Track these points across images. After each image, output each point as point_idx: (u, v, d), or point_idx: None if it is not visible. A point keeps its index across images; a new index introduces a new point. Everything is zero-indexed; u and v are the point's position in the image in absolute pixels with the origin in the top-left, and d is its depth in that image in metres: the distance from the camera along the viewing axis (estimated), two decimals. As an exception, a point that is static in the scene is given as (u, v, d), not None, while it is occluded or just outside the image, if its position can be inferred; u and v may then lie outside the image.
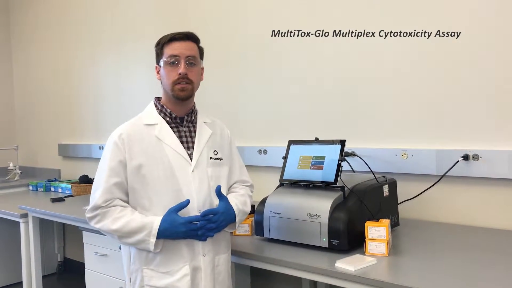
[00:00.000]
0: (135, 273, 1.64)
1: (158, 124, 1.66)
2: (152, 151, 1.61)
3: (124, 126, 1.67)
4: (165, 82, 1.65)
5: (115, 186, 1.60)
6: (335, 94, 2.46)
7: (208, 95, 2.88)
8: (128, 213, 1.59)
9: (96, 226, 1.61)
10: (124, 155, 1.60)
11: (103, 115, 3.89)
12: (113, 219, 1.57)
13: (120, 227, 1.56)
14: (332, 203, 1.75)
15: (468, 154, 2.04)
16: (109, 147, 1.64)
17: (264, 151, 2.74)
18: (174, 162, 1.62)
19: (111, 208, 1.59)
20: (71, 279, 4.07)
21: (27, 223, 2.98)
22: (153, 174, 1.60)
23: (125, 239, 1.58)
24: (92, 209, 1.61)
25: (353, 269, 1.51)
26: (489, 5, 1.99)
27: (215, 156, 1.72)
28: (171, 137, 1.65)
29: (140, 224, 1.55)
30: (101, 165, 1.65)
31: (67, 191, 3.57)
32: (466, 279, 1.42)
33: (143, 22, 3.47)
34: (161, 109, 1.69)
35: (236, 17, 2.88)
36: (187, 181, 1.62)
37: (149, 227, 1.55)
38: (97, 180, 1.64)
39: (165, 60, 1.63)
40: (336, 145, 1.89)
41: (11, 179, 4.27)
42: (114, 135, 1.64)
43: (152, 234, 1.54)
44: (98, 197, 1.59)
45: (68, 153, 4.21)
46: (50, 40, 4.38)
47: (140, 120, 1.69)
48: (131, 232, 1.55)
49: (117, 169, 1.60)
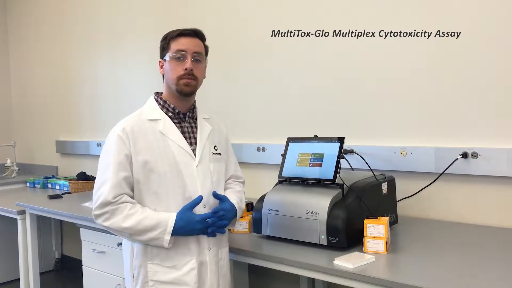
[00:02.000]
0: (138, 269, 1.61)
1: (161, 120, 1.65)
2: (157, 147, 1.60)
3: (126, 120, 1.64)
4: (170, 77, 1.64)
5: (124, 180, 1.56)
6: (334, 92, 2.46)
7: (207, 92, 2.87)
8: (139, 210, 1.55)
9: (104, 224, 1.55)
10: (129, 149, 1.57)
11: (101, 112, 3.88)
12: (124, 217, 1.53)
13: (133, 225, 1.52)
14: (331, 201, 1.74)
15: (467, 152, 2.04)
16: (112, 141, 1.59)
17: (263, 148, 2.74)
18: (179, 157, 1.61)
19: (120, 205, 1.54)
20: (68, 276, 4.06)
21: (25, 220, 2.97)
22: (159, 169, 1.58)
23: (137, 236, 1.55)
24: (101, 205, 1.54)
25: (351, 267, 1.50)
26: (489, 5, 1.99)
27: (216, 151, 1.74)
28: (175, 133, 1.64)
29: (156, 221, 1.53)
30: (105, 160, 1.60)
31: (64, 188, 3.56)
32: (464, 276, 1.42)
33: (141, 19, 3.46)
34: (163, 105, 1.68)
35: (236, 16, 2.88)
36: (192, 176, 1.62)
37: (164, 224, 1.54)
38: (102, 175, 1.58)
39: (172, 55, 1.63)
40: (335, 142, 1.89)
41: (8, 176, 4.26)
42: (117, 129, 1.60)
43: (167, 231, 1.53)
44: (107, 192, 1.54)
45: (66, 150, 4.20)
46: (47, 37, 4.36)
47: (142, 115, 1.66)
48: (145, 230, 1.53)
49: (124, 163, 1.56)
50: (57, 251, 4.24)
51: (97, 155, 3.80)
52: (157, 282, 1.59)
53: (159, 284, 1.59)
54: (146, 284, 1.59)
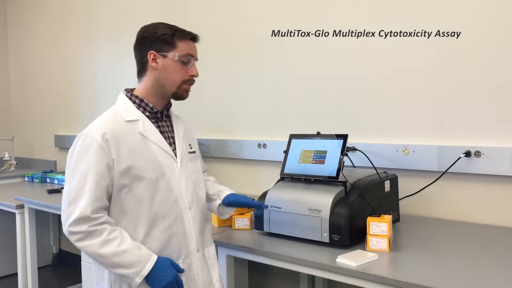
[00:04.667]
0: (119, 282, 1.47)
1: (139, 120, 1.52)
2: (140, 151, 1.48)
3: (104, 124, 1.48)
4: (170, 77, 1.54)
5: (105, 191, 1.42)
6: (336, 90, 2.45)
7: (208, 90, 2.87)
8: (118, 236, 1.40)
9: (77, 244, 1.39)
10: (110, 157, 1.42)
11: (100, 106, 3.86)
12: (102, 242, 1.37)
13: (109, 255, 1.37)
14: (333, 198, 1.73)
15: (470, 151, 2.03)
16: (90, 148, 1.43)
17: (264, 145, 2.72)
18: (163, 161, 1.51)
19: (99, 227, 1.38)
20: (66, 271, 4.05)
21: (23, 214, 2.96)
22: (145, 175, 1.47)
23: (107, 267, 1.41)
24: (78, 221, 1.37)
25: (354, 265, 1.49)
26: (489, 5, 1.98)
27: (191, 150, 1.67)
28: (155, 134, 1.53)
29: (134, 259, 1.39)
30: (80, 168, 1.42)
31: (63, 183, 3.53)
32: (467, 275, 1.42)
33: (140, 14, 3.43)
34: (139, 103, 1.55)
35: (236, 16, 2.86)
36: (176, 178, 1.54)
37: (141, 266, 1.40)
38: (76, 186, 1.41)
39: (181, 57, 1.54)
40: (338, 139, 1.88)
41: (6, 170, 4.23)
42: (96, 135, 1.44)
43: (141, 274, 1.40)
44: (84, 206, 1.38)
45: (64, 144, 4.18)
46: (46, 31, 4.33)
47: (118, 116, 1.52)
48: (119, 265, 1.39)
49: (104, 173, 1.41)
50: (55, 246, 4.23)
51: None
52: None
53: None
54: None
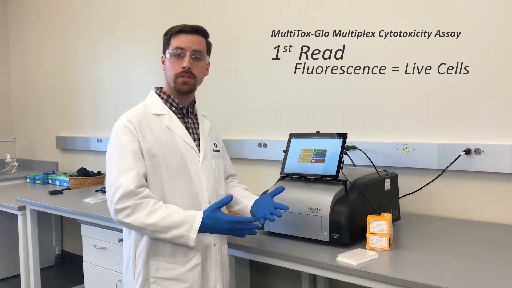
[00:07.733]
0: (140, 266, 1.56)
1: (166, 114, 1.62)
2: (165, 141, 1.57)
3: (131, 113, 1.59)
4: (169, 74, 1.63)
5: (142, 170, 1.50)
6: (336, 89, 2.45)
7: (209, 88, 2.85)
8: (163, 206, 1.49)
9: (125, 220, 1.45)
10: (139, 139, 1.53)
11: (102, 108, 3.87)
12: (148, 212, 1.45)
13: (157, 221, 1.45)
14: (333, 197, 1.73)
15: (470, 149, 2.02)
16: (121, 132, 1.53)
17: (264, 144, 2.73)
18: (186, 153, 1.60)
19: (143, 200, 1.46)
20: (69, 272, 4.06)
21: (25, 216, 2.96)
22: (168, 164, 1.55)
23: (160, 233, 1.47)
24: (124, 197, 1.44)
25: (355, 263, 1.50)
26: (489, 5, 1.98)
27: (216, 148, 1.75)
28: (181, 128, 1.63)
29: (182, 218, 1.48)
30: (117, 150, 1.52)
31: (65, 184, 3.55)
32: (467, 273, 1.41)
33: (142, 14, 3.44)
34: (166, 99, 1.66)
35: (236, 16, 2.86)
36: (198, 172, 1.61)
37: (191, 221, 1.48)
38: (117, 166, 1.49)
39: (171, 51, 1.60)
40: (337, 138, 1.88)
41: (8, 172, 4.24)
42: (123, 121, 1.55)
43: (194, 228, 1.47)
44: (127, 182, 1.44)
45: (66, 145, 4.19)
46: (48, 32, 4.34)
47: (147, 108, 1.63)
48: (170, 227, 1.46)
49: (139, 153, 1.51)
50: (57, 247, 4.24)
51: (98, 151, 3.84)
52: (159, 279, 1.56)
53: (162, 281, 1.56)
54: (147, 282, 1.56)
